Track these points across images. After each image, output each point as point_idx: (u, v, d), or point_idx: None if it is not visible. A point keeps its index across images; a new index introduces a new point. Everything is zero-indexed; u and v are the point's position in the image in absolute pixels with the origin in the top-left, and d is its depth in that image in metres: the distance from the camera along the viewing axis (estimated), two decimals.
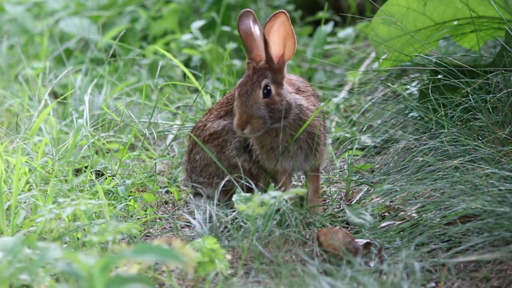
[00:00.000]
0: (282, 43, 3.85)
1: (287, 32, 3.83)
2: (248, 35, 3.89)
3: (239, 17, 3.91)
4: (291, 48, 3.86)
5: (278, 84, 3.86)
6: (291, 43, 3.85)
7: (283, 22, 3.81)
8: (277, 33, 3.82)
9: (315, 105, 3.97)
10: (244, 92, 3.82)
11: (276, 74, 3.86)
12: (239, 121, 3.80)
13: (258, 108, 3.81)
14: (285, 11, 3.81)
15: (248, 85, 3.83)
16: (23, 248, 3.16)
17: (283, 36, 3.83)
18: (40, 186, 4.08)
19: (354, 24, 6.55)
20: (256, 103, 3.81)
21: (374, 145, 4.70)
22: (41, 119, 4.52)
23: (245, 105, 3.81)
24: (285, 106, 3.84)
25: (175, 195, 4.34)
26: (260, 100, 3.82)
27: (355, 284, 3.27)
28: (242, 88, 3.83)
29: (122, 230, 3.38)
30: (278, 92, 3.85)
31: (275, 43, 3.84)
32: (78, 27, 6.72)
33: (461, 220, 3.63)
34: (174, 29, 6.59)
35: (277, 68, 3.86)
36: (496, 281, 3.37)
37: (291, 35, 3.83)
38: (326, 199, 4.21)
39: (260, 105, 3.82)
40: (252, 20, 3.90)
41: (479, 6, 4.43)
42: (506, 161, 3.79)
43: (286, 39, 3.84)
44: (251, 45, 3.89)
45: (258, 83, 3.83)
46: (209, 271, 3.35)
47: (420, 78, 4.64)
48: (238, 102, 3.82)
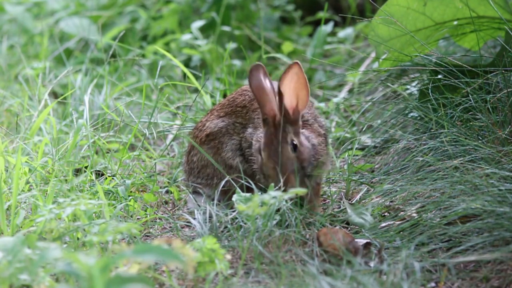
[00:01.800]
0: (294, 94, 3.82)
1: (300, 82, 3.80)
2: (260, 90, 3.84)
3: (250, 71, 3.87)
4: (305, 98, 3.82)
5: (297, 134, 3.84)
6: (305, 92, 3.81)
7: (296, 72, 3.78)
8: (289, 84, 3.80)
9: (319, 132, 3.96)
10: (274, 152, 3.79)
11: (293, 126, 3.83)
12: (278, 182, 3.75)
13: (292, 163, 3.79)
14: (298, 62, 3.79)
15: (275, 144, 3.79)
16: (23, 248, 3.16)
17: (295, 86, 3.80)
18: (40, 186, 4.08)
19: (354, 24, 6.55)
20: (289, 160, 3.79)
21: (374, 145, 4.70)
22: (41, 119, 4.52)
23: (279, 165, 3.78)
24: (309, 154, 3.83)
25: (175, 195, 4.35)
26: (291, 155, 3.80)
27: (355, 284, 3.27)
28: (270, 148, 3.79)
29: (122, 230, 3.38)
30: (300, 143, 3.83)
31: (288, 94, 3.81)
32: (78, 27, 6.72)
33: (461, 220, 3.63)
34: (174, 29, 6.59)
35: (293, 120, 3.83)
36: (496, 281, 3.37)
37: (304, 85, 3.80)
38: (326, 199, 4.21)
39: (292, 160, 3.79)
40: (262, 74, 3.86)
41: (479, 6, 4.43)
42: (506, 161, 3.79)
43: (299, 89, 3.81)
44: (264, 100, 3.84)
45: (284, 139, 3.80)
46: (209, 271, 3.35)
47: (420, 78, 4.64)
48: (271, 163, 3.79)
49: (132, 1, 7.06)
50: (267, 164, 3.80)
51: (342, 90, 5.63)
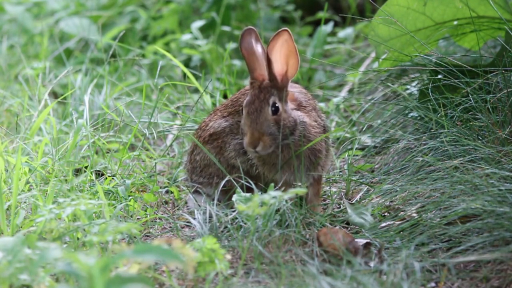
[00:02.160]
0: (285, 61, 3.84)
1: (290, 50, 3.82)
2: (251, 54, 3.88)
3: (241, 35, 3.91)
4: (294, 66, 3.86)
5: (284, 101, 3.86)
6: (295, 60, 3.85)
7: (286, 40, 3.80)
8: (280, 51, 3.82)
9: (317, 120, 3.97)
10: (254, 110, 3.82)
11: (280, 92, 3.86)
12: (251, 139, 3.80)
13: (268, 125, 3.81)
14: (288, 29, 3.81)
15: (257, 103, 3.83)
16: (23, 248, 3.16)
17: (286, 54, 3.83)
18: (40, 186, 4.08)
19: (354, 24, 6.55)
20: (266, 121, 3.81)
21: (374, 145, 4.70)
22: (41, 119, 4.52)
23: (255, 123, 3.81)
24: (291, 124, 3.85)
25: (175, 195, 4.35)
26: (270, 117, 3.82)
27: (355, 284, 3.27)
28: (250, 106, 3.83)
29: (122, 230, 3.38)
30: (284, 109, 3.85)
31: (278, 61, 3.83)
32: (78, 27, 6.71)
33: (461, 220, 3.63)
34: (174, 29, 6.59)
35: (281, 86, 3.86)
36: (496, 281, 3.37)
37: (294, 53, 3.83)
38: (326, 199, 4.21)
39: (269, 122, 3.82)
40: (254, 39, 3.89)
41: (479, 6, 4.43)
42: (506, 161, 3.79)
43: (289, 57, 3.84)
44: (254, 64, 3.88)
45: (266, 101, 3.83)
46: (209, 271, 3.35)
47: (420, 78, 4.64)
48: (248, 120, 3.82)
49: (132, 1, 7.06)
50: (245, 121, 3.83)
51: (342, 90, 5.63)
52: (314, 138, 3.91)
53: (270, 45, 3.80)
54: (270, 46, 3.80)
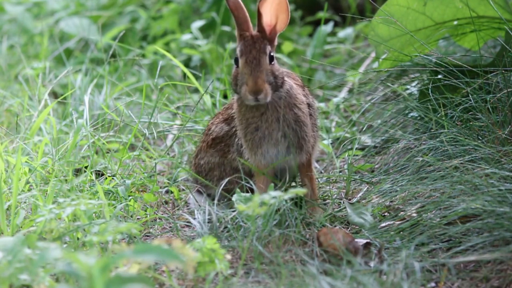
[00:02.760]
0: (275, 14, 3.87)
1: (281, 4, 3.86)
2: (238, 6, 3.90)
3: None
4: (284, 20, 3.88)
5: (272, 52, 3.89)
6: (285, 15, 3.87)
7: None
8: (271, 4, 3.85)
9: (304, 95, 3.98)
10: (252, 58, 3.82)
11: (270, 44, 3.88)
12: (254, 86, 3.77)
13: (267, 74, 3.82)
14: None
15: (254, 52, 3.83)
16: (23, 248, 3.16)
17: (276, 8, 3.86)
18: (40, 186, 4.08)
19: (354, 24, 6.55)
20: (266, 69, 3.81)
21: (374, 145, 4.70)
22: (41, 119, 4.52)
23: (257, 71, 3.79)
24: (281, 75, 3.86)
25: (175, 195, 4.35)
26: (268, 66, 3.83)
27: (355, 284, 3.27)
28: (248, 55, 3.82)
29: (122, 230, 3.38)
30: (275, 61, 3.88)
31: (268, 14, 3.86)
32: (78, 27, 6.71)
33: (461, 220, 3.63)
34: (174, 29, 6.59)
35: (269, 38, 3.88)
36: (496, 281, 3.37)
37: (285, 8, 3.86)
38: (326, 199, 4.21)
39: (268, 71, 3.82)
40: None
41: (479, 6, 4.43)
42: (506, 161, 3.79)
43: (279, 11, 3.86)
44: (242, 16, 3.90)
45: (263, 50, 3.84)
46: (209, 271, 3.35)
47: (420, 78, 4.64)
48: (248, 69, 3.80)
49: (132, 1, 7.06)
50: (244, 70, 3.82)
51: (342, 90, 5.63)
52: (298, 103, 3.91)
53: None
54: None
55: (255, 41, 3.85)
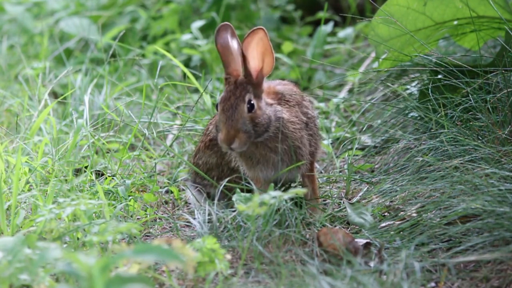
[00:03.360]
0: (260, 58, 3.83)
1: (266, 47, 3.81)
2: (226, 49, 3.87)
3: (217, 31, 3.89)
4: (270, 63, 3.84)
5: (258, 98, 3.85)
6: (270, 58, 3.83)
7: (262, 38, 3.79)
8: (256, 48, 3.81)
9: (298, 116, 3.95)
10: (229, 106, 3.80)
11: (255, 89, 3.84)
12: (226, 136, 3.77)
13: (244, 122, 3.79)
14: (263, 28, 3.80)
15: (232, 100, 3.80)
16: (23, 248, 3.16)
17: (261, 51, 3.82)
18: (40, 186, 4.08)
19: (354, 24, 6.55)
20: (241, 118, 3.79)
21: (374, 145, 4.70)
22: (41, 119, 4.52)
23: (231, 120, 3.78)
24: (266, 120, 3.83)
25: (175, 195, 4.35)
26: (245, 114, 3.80)
27: (355, 284, 3.27)
28: (226, 103, 3.81)
29: (122, 230, 3.38)
30: (259, 106, 3.83)
31: (254, 57, 3.82)
32: (78, 27, 6.71)
33: (461, 220, 3.63)
34: (174, 29, 6.59)
35: (256, 82, 3.84)
36: (496, 281, 3.37)
37: (270, 51, 3.82)
38: (326, 199, 4.21)
39: (245, 119, 3.79)
40: (230, 34, 3.88)
41: (479, 6, 4.43)
42: (506, 161, 3.79)
43: (264, 54, 3.83)
44: (229, 59, 3.87)
45: (242, 98, 3.81)
46: (209, 271, 3.35)
47: (420, 78, 4.64)
48: (223, 117, 3.79)
49: (132, 1, 7.06)
50: (220, 117, 3.81)
51: (342, 90, 5.63)
52: (292, 134, 3.90)
53: (245, 41, 3.79)
54: (246, 42, 3.79)
55: (237, 87, 3.82)
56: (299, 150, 3.92)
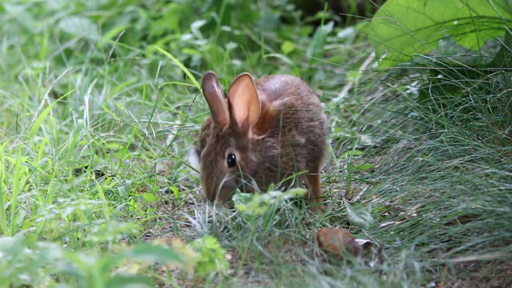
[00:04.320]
0: (246, 107, 3.79)
1: (251, 95, 3.76)
2: (214, 97, 3.82)
3: (203, 79, 3.84)
4: (255, 111, 3.79)
5: (244, 148, 3.82)
6: (256, 106, 3.79)
7: (247, 85, 3.74)
8: (241, 96, 3.76)
9: (294, 141, 3.91)
10: (209, 163, 3.79)
11: (240, 139, 3.81)
12: (207, 193, 3.78)
13: (224, 178, 3.79)
14: (249, 74, 3.75)
15: (212, 156, 3.79)
16: (23, 248, 3.16)
17: (247, 99, 3.77)
18: (40, 186, 4.08)
19: (354, 24, 6.55)
20: (221, 174, 3.78)
21: (374, 145, 4.70)
22: (41, 119, 4.52)
23: (210, 177, 3.78)
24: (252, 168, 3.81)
25: (175, 195, 4.35)
26: (225, 170, 3.79)
27: (355, 284, 3.27)
28: (206, 159, 3.80)
29: (122, 230, 3.38)
30: (243, 157, 3.80)
31: (240, 106, 3.78)
32: (78, 27, 6.71)
33: (461, 220, 3.63)
34: (174, 29, 6.59)
35: (241, 132, 3.81)
36: (496, 281, 3.37)
37: (255, 99, 3.77)
38: (326, 199, 4.21)
39: (225, 175, 3.79)
40: (215, 83, 3.83)
41: (479, 6, 4.43)
42: (506, 161, 3.79)
43: (250, 103, 3.78)
44: (217, 108, 3.82)
45: (221, 153, 3.79)
46: (209, 271, 3.35)
47: (420, 78, 4.64)
48: (204, 174, 3.79)
49: (132, 1, 7.06)
50: (202, 174, 3.81)
51: (342, 90, 5.63)
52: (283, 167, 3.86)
53: (231, 89, 3.74)
54: (231, 90, 3.74)
55: (218, 141, 3.80)
56: (291, 171, 3.88)
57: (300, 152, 3.91)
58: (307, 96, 4.03)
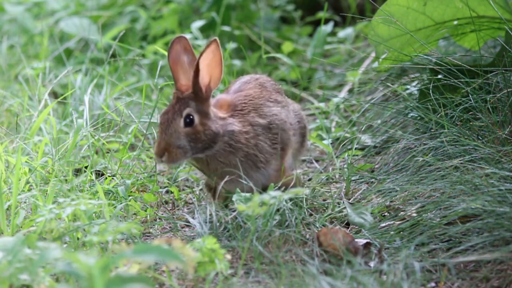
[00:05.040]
0: (209, 72, 3.81)
1: (216, 60, 3.80)
2: (176, 63, 3.84)
3: (171, 43, 3.86)
4: (218, 76, 3.82)
5: (204, 113, 3.82)
6: (218, 71, 3.81)
7: (213, 50, 3.77)
8: (205, 61, 3.79)
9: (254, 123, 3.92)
10: (165, 120, 3.80)
11: (202, 104, 3.82)
12: (157, 149, 3.79)
13: (178, 137, 3.79)
14: (216, 39, 3.78)
15: (170, 114, 3.81)
16: (23, 248, 3.16)
17: (211, 65, 3.80)
18: (40, 186, 4.08)
19: (354, 24, 6.55)
20: (176, 132, 3.79)
21: (374, 145, 4.70)
22: (41, 119, 4.52)
23: (164, 133, 3.79)
24: (210, 136, 3.81)
25: (175, 195, 4.35)
26: (181, 129, 3.79)
27: (355, 284, 3.27)
28: (163, 116, 3.82)
29: (122, 230, 3.38)
30: (202, 122, 3.81)
31: (203, 71, 3.80)
32: (78, 27, 6.71)
33: (461, 220, 3.63)
34: (174, 29, 6.59)
35: (204, 97, 3.82)
36: (496, 281, 3.37)
37: (219, 63, 3.80)
38: (326, 199, 4.21)
39: (180, 134, 3.79)
40: (183, 48, 3.85)
41: (479, 6, 4.43)
42: (506, 161, 3.79)
43: (214, 68, 3.81)
44: (179, 74, 3.84)
45: (179, 112, 3.80)
46: (209, 271, 3.35)
47: (420, 78, 4.64)
48: (159, 130, 3.81)
49: (132, 1, 7.06)
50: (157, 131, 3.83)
51: (342, 90, 5.63)
52: (245, 145, 3.87)
53: (201, 55, 3.76)
54: (201, 56, 3.76)
55: (178, 102, 3.81)
56: (255, 158, 3.90)
57: (263, 132, 3.91)
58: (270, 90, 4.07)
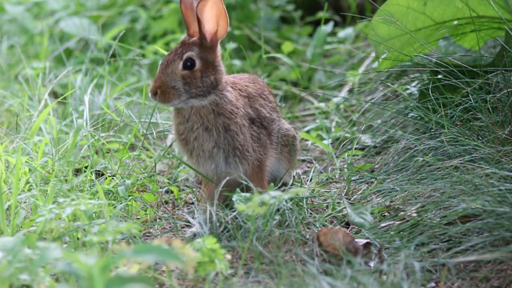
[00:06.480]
0: (215, 21, 3.87)
1: (220, 11, 3.86)
2: (188, 10, 3.92)
3: None
4: (224, 27, 3.89)
5: (207, 62, 3.88)
6: (224, 22, 3.88)
7: (216, 1, 3.84)
8: (210, 11, 3.85)
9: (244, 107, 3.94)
10: (166, 61, 3.87)
11: (206, 52, 3.88)
12: (152, 86, 3.85)
13: (174, 78, 3.84)
14: None
15: (171, 55, 3.87)
16: (23, 248, 3.16)
17: (216, 14, 3.86)
18: (40, 186, 4.08)
19: (354, 24, 6.55)
20: (173, 73, 3.84)
21: (374, 145, 4.70)
22: (41, 119, 4.52)
23: (162, 72, 3.85)
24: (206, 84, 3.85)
25: (175, 195, 4.35)
26: (178, 71, 3.85)
27: (355, 284, 3.27)
28: (166, 57, 3.88)
29: (122, 230, 3.38)
30: (203, 69, 3.86)
31: (209, 20, 3.87)
32: (78, 27, 6.71)
33: (461, 220, 3.63)
34: (174, 29, 6.59)
35: (209, 46, 3.89)
36: (496, 281, 3.37)
37: (224, 15, 3.87)
38: (326, 199, 4.21)
39: (176, 76, 3.84)
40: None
41: (479, 6, 4.43)
42: (506, 161, 3.79)
43: (219, 18, 3.87)
44: (190, 21, 3.93)
45: (180, 55, 3.85)
46: (209, 271, 3.35)
47: (420, 78, 4.64)
48: (159, 69, 3.87)
49: (132, 1, 7.06)
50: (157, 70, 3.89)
51: (342, 90, 5.63)
52: (229, 114, 3.90)
53: (199, 4, 3.81)
54: (200, 5, 3.82)
55: (182, 46, 3.88)
56: (237, 136, 3.90)
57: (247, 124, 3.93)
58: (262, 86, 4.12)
